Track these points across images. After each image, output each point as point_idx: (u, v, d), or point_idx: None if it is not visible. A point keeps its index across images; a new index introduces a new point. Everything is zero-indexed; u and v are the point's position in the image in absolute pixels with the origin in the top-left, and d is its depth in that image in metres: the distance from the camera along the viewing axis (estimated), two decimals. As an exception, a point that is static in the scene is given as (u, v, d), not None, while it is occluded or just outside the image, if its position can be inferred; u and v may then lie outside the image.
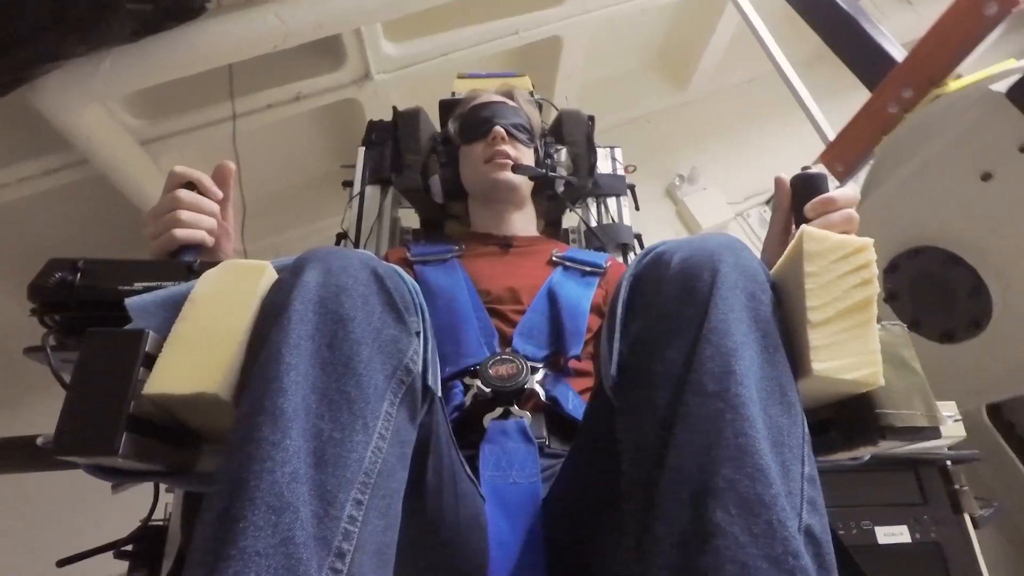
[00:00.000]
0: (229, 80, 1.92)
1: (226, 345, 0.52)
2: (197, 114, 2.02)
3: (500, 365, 0.85)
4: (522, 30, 2.31)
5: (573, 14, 2.35)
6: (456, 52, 2.26)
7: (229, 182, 0.74)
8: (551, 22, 2.35)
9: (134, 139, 1.96)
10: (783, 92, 1.80)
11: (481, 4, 2.22)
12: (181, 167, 0.71)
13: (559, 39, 2.43)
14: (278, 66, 2.04)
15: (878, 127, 1.51)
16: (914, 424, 0.52)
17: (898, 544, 1.00)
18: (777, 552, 0.42)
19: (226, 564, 0.40)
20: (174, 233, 0.67)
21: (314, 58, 2.12)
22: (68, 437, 0.47)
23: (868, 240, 0.54)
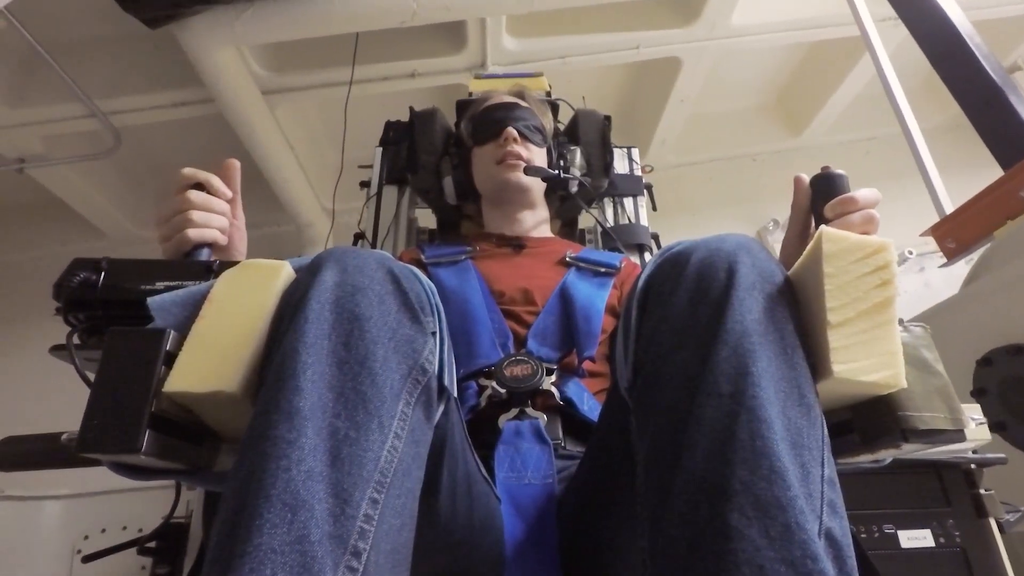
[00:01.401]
0: (354, 47, 2.03)
1: (244, 344, 0.52)
2: (318, 74, 2.17)
3: (515, 366, 0.85)
4: (643, 46, 2.32)
5: (698, 39, 2.35)
6: (574, 56, 2.30)
7: (236, 179, 0.75)
8: (674, 43, 2.35)
9: (257, 87, 2.13)
10: (903, 156, 1.69)
11: (607, 13, 2.25)
12: (189, 168, 0.72)
13: (679, 61, 2.43)
14: (401, 42, 2.15)
15: (1004, 210, 1.38)
16: (937, 427, 0.51)
17: (921, 549, 0.99)
18: (795, 555, 0.42)
19: (242, 561, 0.40)
20: (187, 233, 0.68)
21: (436, 40, 2.21)
22: (92, 435, 0.48)
23: (888, 240, 0.54)
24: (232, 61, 1.95)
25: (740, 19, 2.32)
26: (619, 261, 1.08)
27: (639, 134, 2.90)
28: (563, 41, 2.26)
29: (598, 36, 2.27)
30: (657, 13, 2.31)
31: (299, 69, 2.17)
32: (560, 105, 1.47)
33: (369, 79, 2.12)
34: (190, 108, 2.17)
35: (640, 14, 2.29)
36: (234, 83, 2.00)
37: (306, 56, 2.16)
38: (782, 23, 2.40)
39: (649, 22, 2.30)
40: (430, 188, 1.32)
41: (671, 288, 0.55)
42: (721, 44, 2.39)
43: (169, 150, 2.52)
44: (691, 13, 2.27)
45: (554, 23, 2.24)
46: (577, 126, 1.36)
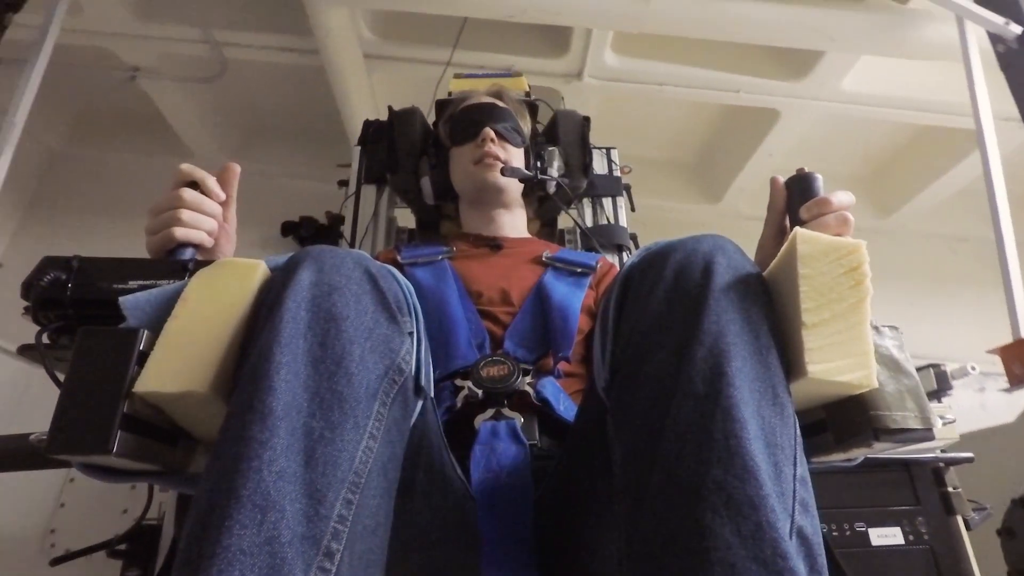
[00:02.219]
0: (459, 31, 2.07)
1: (217, 344, 0.52)
2: (420, 49, 2.21)
3: (491, 366, 0.85)
4: (745, 91, 2.29)
5: (803, 95, 2.29)
6: (672, 86, 2.26)
7: (233, 183, 0.74)
8: (776, 94, 2.31)
9: (360, 49, 2.17)
10: (989, 265, 1.58)
11: (715, 50, 2.21)
12: (187, 165, 0.70)
13: (776, 114, 2.38)
14: (504, 35, 2.19)
15: (1082, 351, 1.26)
16: (907, 426, 0.52)
17: (891, 546, 1.01)
18: (766, 553, 0.42)
19: (210, 562, 0.40)
20: (173, 232, 0.67)
21: (538, 40, 2.23)
22: (62, 435, 0.47)
23: (861, 241, 0.54)
24: (344, 19, 2.00)
25: (852, 85, 2.25)
26: (595, 261, 1.09)
27: (717, 177, 2.84)
28: (664, 68, 2.23)
29: (701, 71, 2.24)
30: (766, 61, 2.26)
31: (403, 40, 2.22)
32: (539, 106, 1.47)
33: (466, 64, 2.10)
34: (294, 55, 2.24)
35: (748, 58, 2.24)
36: (341, 40, 2.05)
37: (412, 29, 2.20)
38: (896, 99, 2.31)
39: (756, 68, 2.25)
40: (409, 188, 1.32)
41: (649, 288, 0.55)
42: (826, 106, 2.33)
43: (266, 90, 2.66)
44: (801, 68, 2.22)
45: (659, 47, 2.21)
46: (556, 127, 1.36)
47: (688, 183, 2.94)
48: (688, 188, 2.93)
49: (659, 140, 2.83)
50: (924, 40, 1.91)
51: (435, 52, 2.14)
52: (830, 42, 1.97)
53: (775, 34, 1.97)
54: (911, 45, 1.94)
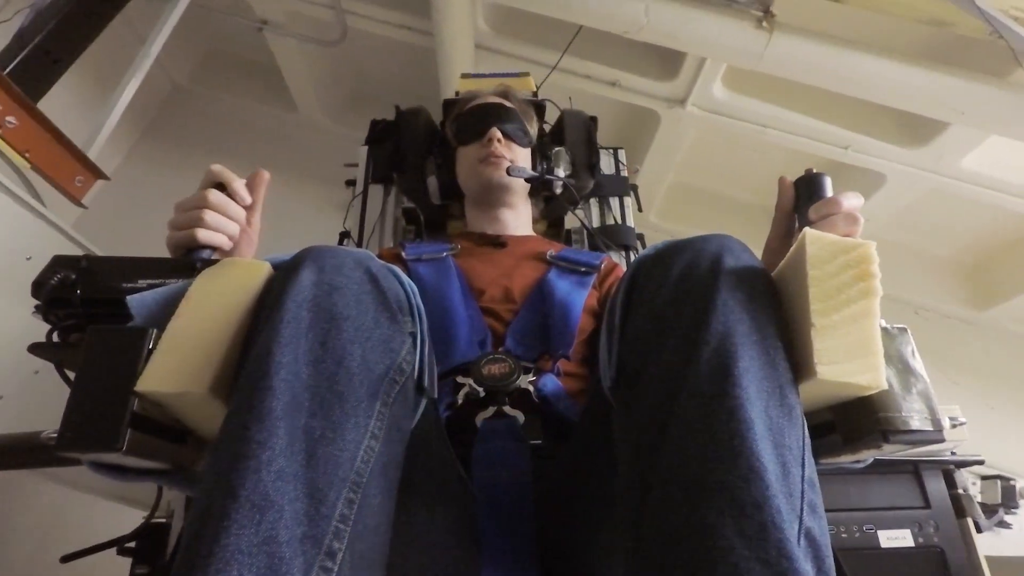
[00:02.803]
0: (572, 37, 2.05)
1: (218, 343, 0.52)
2: (530, 48, 2.21)
3: (492, 364, 0.85)
4: (854, 150, 2.17)
5: (917, 165, 2.15)
6: (776, 131, 2.18)
7: (261, 190, 0.74)
8: (888, 159, 2.16)
9: (473, 38, 2.19)
10: None
11: (829, 103, 2.11)
12: (217, 167, 0.71)
13: (883, 178, 2.24)
14: (615, 49, 2.17)
15: None
16: (917, 427, 0.52)
17: (901, 548, 1.00)
18: (770, 554, 0.42)
19: (208, 561, 0.40)
20: (195, 233, 0.67)
21: (649, 60, 2.20)
22: (71, 433, 0.48)
23: (870, 242, 0.54)
24: (464, 6, 2.02)
25: (972, 164, 2.09)
26: (599, 260, 1.09)
27: None
28: (771, 110, 2.15)
29: (810, 120, 2.14)
30: (882, 123, 2.14)
31: (516, 37, 2.22)
32: (547, 106, 1.47)
33: (572, 71, 2.12)
34: (410, 33, 2.30)
35: (863, 117, 2.12)
36: (457, 26, 2.07)
37: (527, 28, 2.21)
38: (1017, 187, 2.12)
39: (869, 128, 2.14)
40: (415, 187, 1.32)
41: (655, 288, 0.55)
42: (940, 181, 2.16)
43: (377, 63, 2.76)
44: (921, 137, 2.09)
45: (770, 89, 2.13)
46: (563, 127, 1.36)
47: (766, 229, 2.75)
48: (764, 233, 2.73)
49: (750, 183, 2.67)
50: None
51: (544, 54, 2.13)
52: (960, 115, 1.84)
53: (901, 97, 1.85)
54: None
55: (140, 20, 1.92)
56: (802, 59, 1.82)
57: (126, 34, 2.28)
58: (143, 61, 1.65)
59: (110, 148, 1.80)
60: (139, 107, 2.70)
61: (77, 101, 2.17)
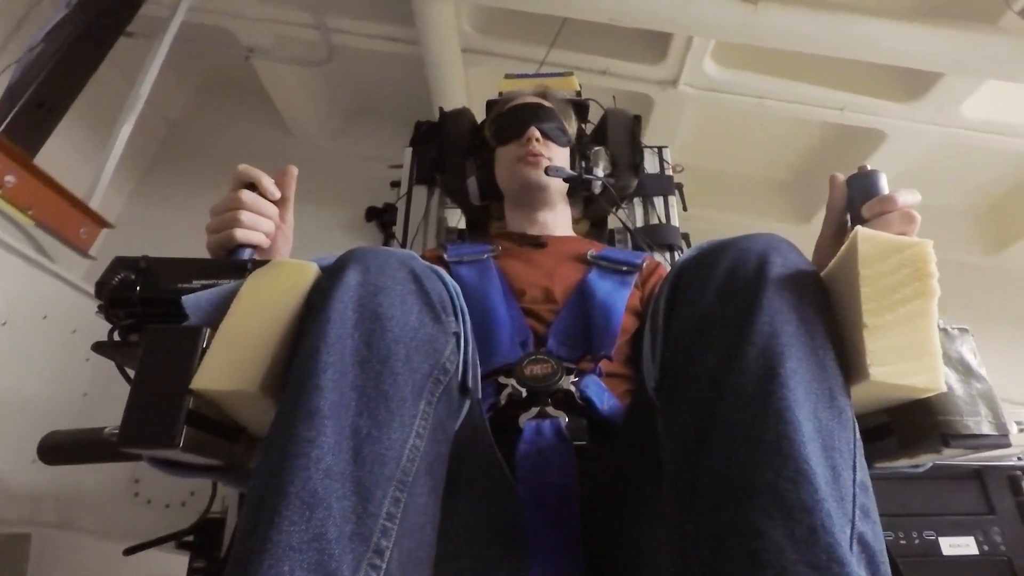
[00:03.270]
0: (557, 30, 2.08)
1: (268, 343, 0.53)
2: (517, 45, 2.23)
3: (534, 365, 0.85)
4: (849, 110, 2.18)
5: (915, 119, 2.15)
6: (772, 100, 2.19)
7: (291, 185, 0.76)
8: (884, 115, 2.17)
9: (460, 43, 2.22)
10: None
11: (824, 67, 2.11)
12: (244, 166, 0.73)
13: (882, 135, 2.25)
14: (601, 37, 2.18)
15: None
16: (980, 431, 0.50)
17: (964, 556, 0.96)
18: (820, 559, 0.41)
19: (260, 557, 0.41)
20: (233, 233, 0.69)
21: (637, 44, 2.20)
22: (132, 430, 0.50)
23: (927, 240, 0.52)
24: (447, 12, 2.05)
25: (972, 111, 2.08)
26: (641, 260, 1.07)
27: (812, 197, 2.72)
28: (765, 81, 2.15)
29: (803, 87, 2.14)
30: (875, 80, 2.13)
31: (502, 36, 2.24)
32: (590, 105, 1.46)
33: (561, 64, 2.10)
34: (397, 44, 2.31)
35: (856, 76, 2.12)
36: (442, 32, 2.10)
37: (512, 26, 2.23)
38: (1020, 128, 2.11)
39: (863, 86, 2.13)
40: (457, 188, 1.33)
41: (700, 287, 0.54)
42: (941, 131, 2.16)
43: (367, 77, 2.78)
44: (916, 90, 2.08)
45: (761, 60, 2.13)
46: (606, 126, 1.35)
47: (780, 202, 2.80)
48: (779, 207, 2.79)
49: (753, 156, 2.71)
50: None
51: (532, 50, 2.14)
52: (955, 65, 1.83)
53: (894, 55, 1.83)
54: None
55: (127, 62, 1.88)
56: (789, 27, 1.80)
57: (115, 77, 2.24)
58: (134, 103, 1.64)
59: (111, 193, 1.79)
60: (136, 149, 2.68)
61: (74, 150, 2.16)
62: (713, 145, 2.55)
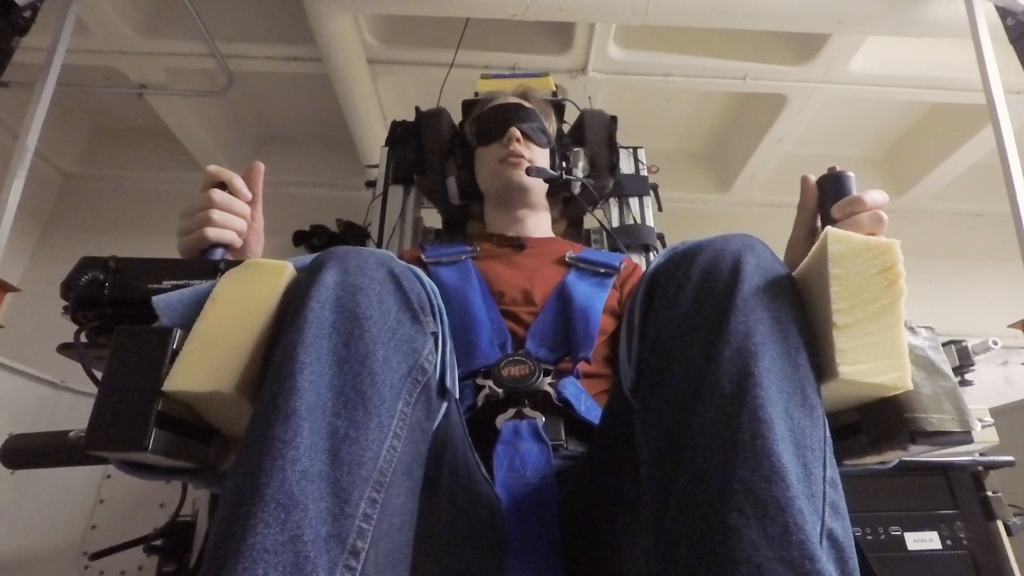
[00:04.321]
0: (461, 32, 2.09)
1: (244, 344, 0.53)
2: (423, 51, 2.23)
3: (513, 366, 0.85)
4: (751, 77, 2.29)
5: (810, 79, 2.28)
6: (678, 76, 2.28)
7: (259, 182, 0.75)
8: (783, 79, 2.30)
9: (364, 55, 2.21)
10: (1008, 239, 1.54)
11: (721, 39, 2.22)
12: (215, 167, 0.72)
13: (784, 99, 2.39)
14: (507, 34, 2.21)
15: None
16: (944, 428, 0.51)
17: (928, 551, 0.98)
18: (793, 555, 0.42)
19: (235, 560, 0.40)
20: (205, 232, 0.68)
21: (542, 38, 2.25)
22: (99, 432, 0.48)
23: (894, 241, 0.53)
24: (348, 26, 2.03)
25: (860, 66, 2.23)
26: (619, 261, 1.08)
27: (728, 165, 2.87)
28: (669, 59, 2.24)
29: (706, 60, 2.24)
30: (771, 47, 2.25)
31: (406, 44, 2.25)
32: (566, 106, 1.47)
33: (470, 65, 2.14)
34: (299, 64, 2.28)
35: (754, 45, 2.24)
36: (345, 47, 2.09)
37: (415, 32, 2.24)
38: (905, 78, 2.29)
39: (761, 54, 2.24)
40: (436, 188, 1.33)
41: (676, 288, 0.55)
42: (834, 88, 2.30)
43: (273, 100, 2.74)
44: (807, 52, 2.21)
45: (663, 39, 2.22)
46: (583, 126, 1.36)
47: (700, 173, 2.97)
48: (700, 178, 2.96)
49: (669, 132, 2.85)
50: (933, 18, 1.89)
51: (439, 54, 2.15)
52: (836, 25, 1.96)
53: (779, 20, 1.96)
54: (920, 23, 1.92)
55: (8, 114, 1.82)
56: (683, 6, 1.88)
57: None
58: (23, 157, 1.53)
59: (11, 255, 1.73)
60: (32, 205, 2.58)
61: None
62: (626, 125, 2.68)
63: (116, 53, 2.22)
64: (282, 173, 2.82)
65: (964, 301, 2.72)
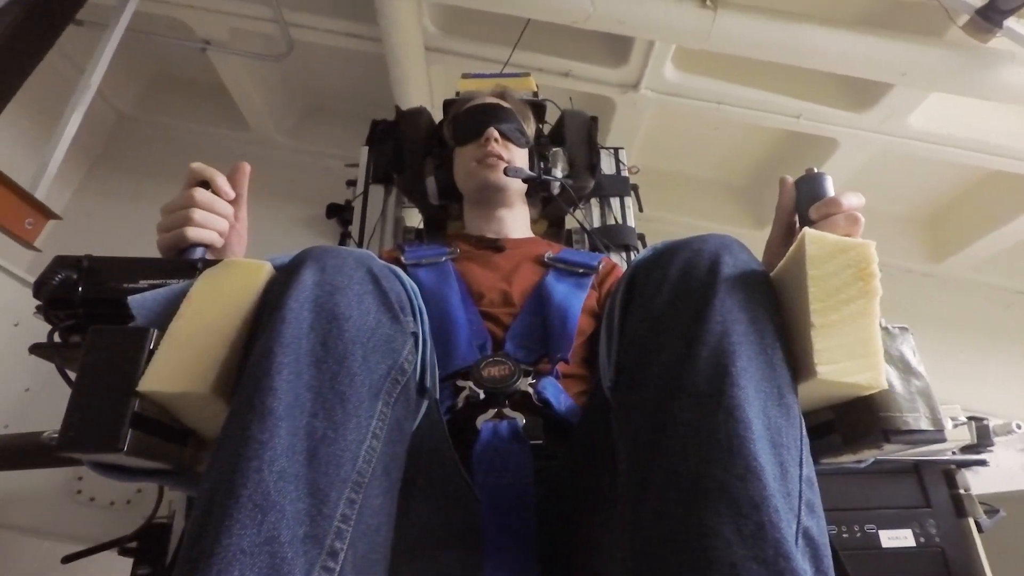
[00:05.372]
0: (521, 31, 2.07)
1: (220, 344, 0.52)
2: (480, 46, 2.22)
3: (492, 367, 0.85)
4: (805, 118, 2.24)
5: (865, 128, 2.23)
6: (730, 106, 2.24)
7: (244, 183, 0.74)
8: (837, 124, 2.25)
9: (422, 40, 2.20)
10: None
11: (780, 74, 2.17)
12: (199, 164, 0.71)
13: (835, 144, 2.33)
14: (566, 39, 2.19)
15: None
16: (918, 427, 0.51)
17: (902, 548, 1.00)
18: (768, 554, 0.42)
19: (209, 562, 0.40)
20: (185, 231, 0.67)
21: (599, 48, 2.23)
22: (73, 434, 0.48)
23: (870, 242, 0.54)
24: (410, 10, 2.03)
25: (918, 122, 2.18)
26: (597, 261, 1.08)
27: (767, 203, 2.67)
28: (724, 87, 2.21)
29: (761, 93, 2.21)
30: (830, 90, 2.22)
31: (465, 36, 2.23)
32: (547, 106, 1.47)
33: (524, 66, 2.10)
34: (358, 41, 2.28)
35: (811, 84, 2.19)
36: (405, 30, 2.08)
37: (475, 26, 2.22)
38: (964, 140, 2.21)
39: (819, 96, 2.21)
40: (415, 188, 1.32)
41: (654, 288, 0.55)
42: (889, 140, 2.26)
43: (327, 73, 2.74)
44: (867, 100, 2.17)
45: (721, 66, 2.19)
46: (563, 127, 1.36)
47: (734, 206, 2.88)
48: (735, 211, 2.87)
49: (711, 161, 2.78)
50: (1001, 81, 1.85)
51: (495, 50, 2.15)
52: (901, 76, 1.91)
53: (844, 63, 1.92)
54: (987, 86, 1.87)
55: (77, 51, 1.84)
56: (747, 35, 1.86)
57: (65, 67, 2.21)
58: (84, 94, 1.58)
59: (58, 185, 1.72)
60: (84, 140, 2.61)
61: (19, 139, 2.14)
62: (670, 147, 2.60)
63: (186, 6, 2.24)
64: (323, 144, 2.82)
65: (992, 380, 2.58)
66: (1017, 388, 2.53)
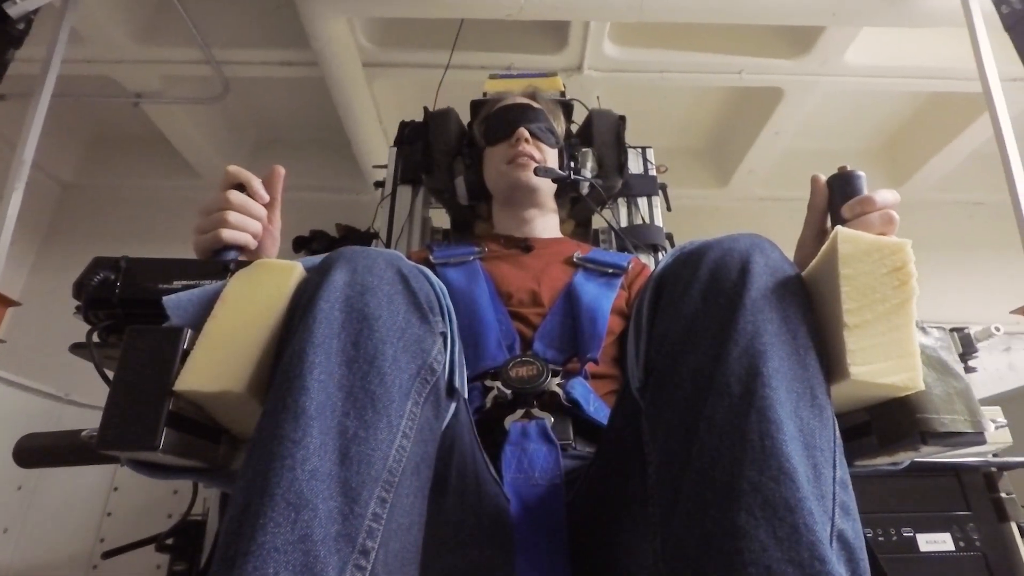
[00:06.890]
0: (456, 33, 2.09)
1: (254, 344, 0.53)
2: (418, 53, 2.24)
3: (520, 367, 0.85)
4: (746, 72, 2.29)
5: (806, 72, 2.29)
6: (674, 73, 2.29)
7: (278, 186, 0.75)
8: (779, 73, 2.31)
9: (360, 58, 2.22)
10: (1008, 227, 1.54)
11: (716, 34, 2.22)
12: (234, 167, 0.72)
13: (780, 92, 2.39)
14: (502, 34, 2.22)
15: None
16: (956, 429, 0.50)
17: (941, 552, 0.98)
18: (803, 556, 0.41)
19: (245, 559, 0.40)
20: (220, 233, 0.68)
21: (537, 37, 2.26)
22: (111, 432, 0.49)
23: (905, 240, 0.53)
24: (342, 29, 2.03)
25: (855, 58, 2.24)
26: (627, 262, 1.08)
27: (727, 160, 2.86)
28: (665, 55, 2.25)
29: (701, 55, 2.25)
30: (767, 41, 2.27)
31: (401, 46, 2.25)
32: (575, 105, 1.46)
33: (466, 66, 2.14)
34: (295, 68, 2.28)
35: (750, 40, 2.25)
36: (340, 51, 2.09)
37: (410, 35, 2.24)
38: (901, 68, 2.29)
39: (757, 49, 2.26)
40: (444, 188, 1.33)
41: (684, 288, 0.55)
42: (831, 81, 2.32)
43: (270, 106, 2.74)
44: (803, 45, 2.22)
45: (658, 36, 2.23)
46: (591, 126, 1.36)
47: (700, 168, 2.96)
48: (699, 173, 2.95)
49: (666, 128, 2.85)
50: (927, 8, 1.89)
51: (434, 56, 2.15)
52: (831, 17, 1.96)
53: (774, 14, 1.97)
54: (914, 14, 1.92)
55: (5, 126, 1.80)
56: (678, 1, 1.89)
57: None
58: (20, 170, 1.52)
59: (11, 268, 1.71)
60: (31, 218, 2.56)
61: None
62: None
63: (112, 62, 2.22)
64: (280, 179, 2.84)
65: (966, 289, 2.73)
66: (989, 292, 2.62)
